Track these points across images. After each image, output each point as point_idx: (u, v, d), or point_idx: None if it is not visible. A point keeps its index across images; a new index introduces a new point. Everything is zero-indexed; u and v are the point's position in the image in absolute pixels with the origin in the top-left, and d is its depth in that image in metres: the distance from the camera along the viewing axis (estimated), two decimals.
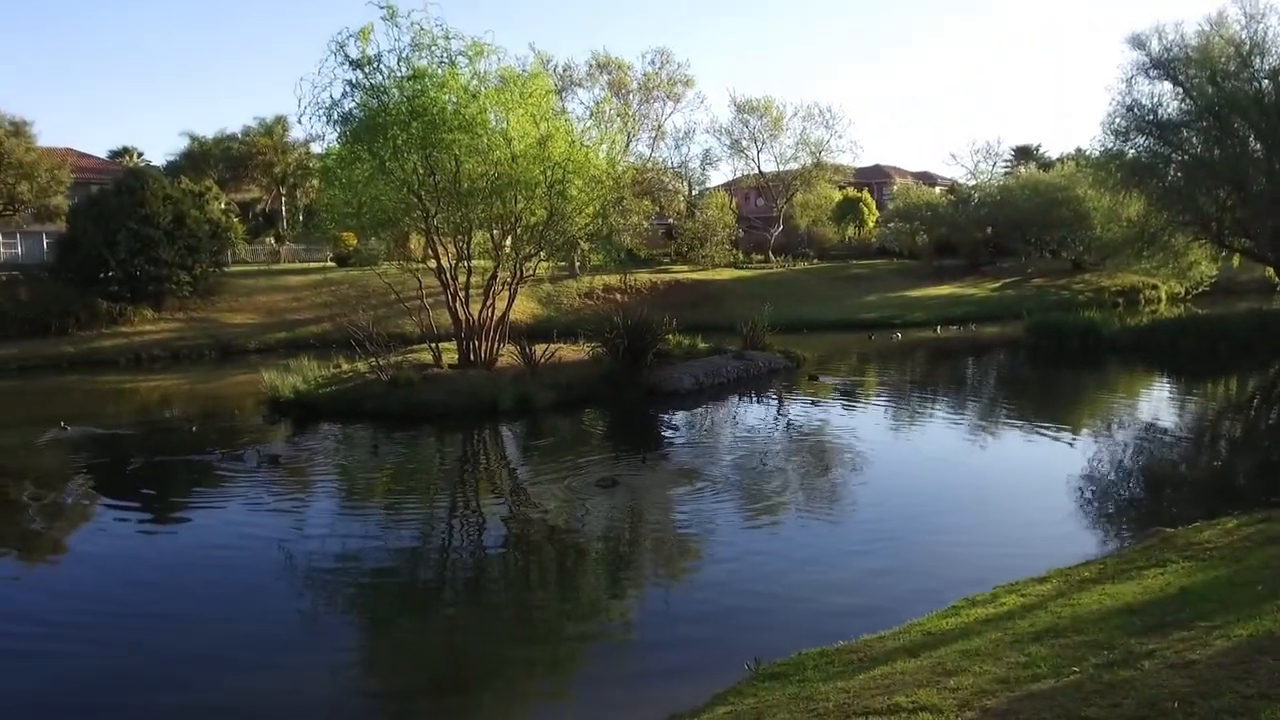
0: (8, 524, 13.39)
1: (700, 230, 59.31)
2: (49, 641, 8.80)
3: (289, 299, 45.20)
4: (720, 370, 24.70)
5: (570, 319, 41.67)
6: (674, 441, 18.43)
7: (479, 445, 19.12)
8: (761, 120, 63.81)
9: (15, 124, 43.47)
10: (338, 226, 27.68)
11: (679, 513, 12.66)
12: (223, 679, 7.90)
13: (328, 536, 12.06)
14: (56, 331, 37.44)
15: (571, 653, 8.45)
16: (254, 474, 15.66)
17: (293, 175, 65.71)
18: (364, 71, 22.60)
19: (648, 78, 55.29)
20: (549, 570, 10.76)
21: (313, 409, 21.33)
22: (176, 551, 12.01)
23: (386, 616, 9.56)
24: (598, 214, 25.48)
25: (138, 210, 39.88)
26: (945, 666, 5.40)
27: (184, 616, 9.45)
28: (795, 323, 39.58)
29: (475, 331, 24.45)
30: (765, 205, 73.00)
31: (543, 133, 23.24)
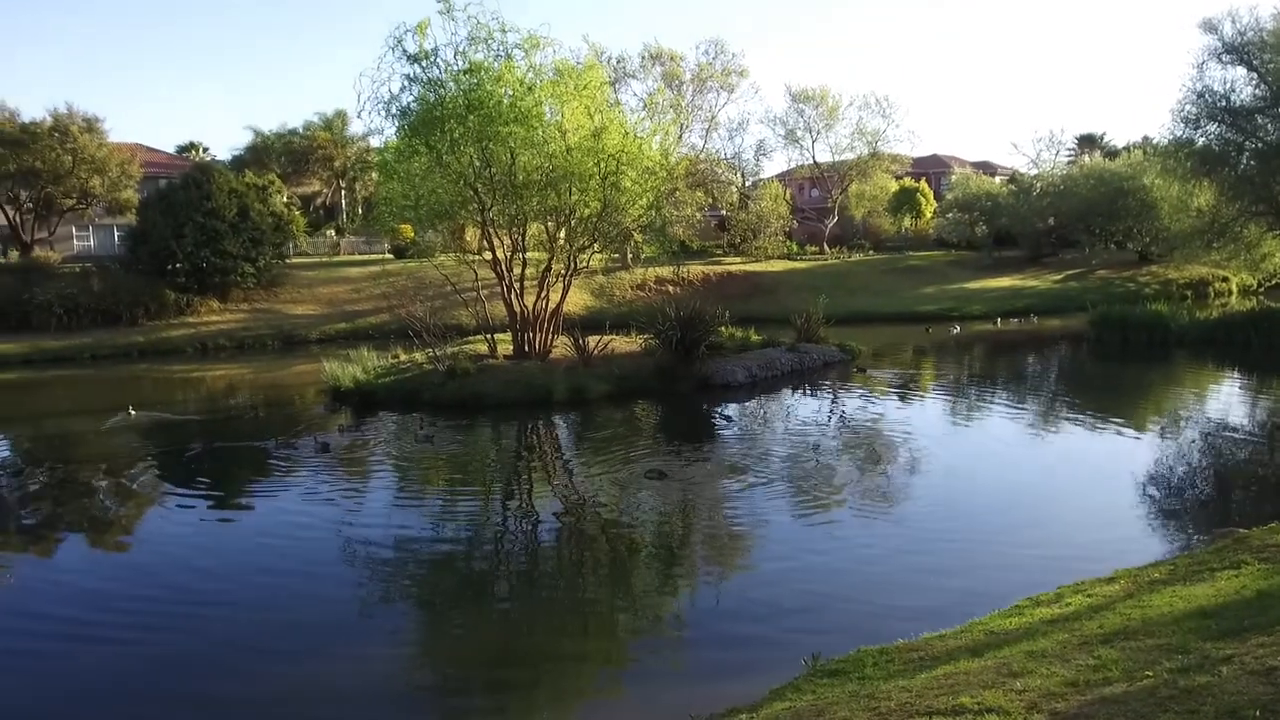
0: (79, 507, 13.86)
1: (753, 221, 58.87)
2: (107, 628, 8.98)
3: (349, 290, 46.10)
4: (774, 363, 24.53)
5: (622, 311, 41.73)
6: (726, 434, 18.35)
7: (533, 435, 19.27)
8: (817, 110, 63.08)
9: (88, 120, 44.87)
10: (396, 219, 28.08)
11: (731, 506, 12.61)
12: (279, 667, 8.04)
13: (384, 525, 12.23)
14: (127, 322, 38.76)
15: (625, 645, 8.47)
16: (311, 461, 16.02)
17: (352, 169, 66.85)
18: (421, 66, 22.87)
19: (701, 68, 54.97)
20: (602, 562, 10.79)
21: (372, 398, 21.76)
22: (234, 537, 12.25)
23: (442, 606, 9.67)
24: (651, 205, 25.46)
25: (204, 204, 41.01)
26: (1011, 667, 5.29)
27: (240, 603, 9.63)
28: (850, 315, 39.14)
29: (529, 323, 24.65)
30: (820, 196, 72.18)
31: (597, 125, 23.29)
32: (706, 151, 57.02)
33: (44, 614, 9.37)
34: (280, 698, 7.51)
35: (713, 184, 58.08)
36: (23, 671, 8.03)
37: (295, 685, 7.67)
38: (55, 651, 8.47)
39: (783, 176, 71.24)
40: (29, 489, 15.40)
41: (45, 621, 9.18)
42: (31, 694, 7.60)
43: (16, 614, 9.39)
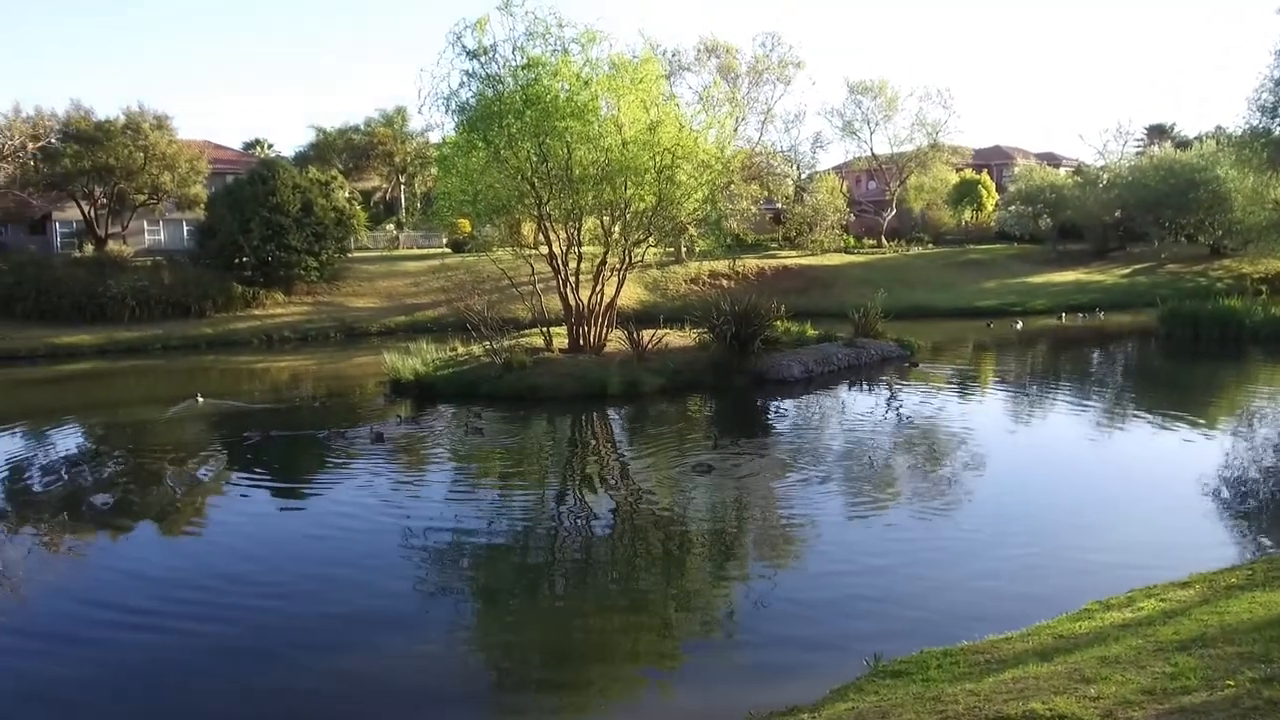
0: (147, 493, 14.31)
1: (809, 215, 58.27)
2: (168, 618, 9.09)
3: (408, 284, 46.85)
4: (830, 358, 24.27)
5: (676, 305, 41.67)
6: (781, 430, 18.22)
7: (587, 428, 19.36)
8: (875, 101, 62.10)
9: (158, 118, 46.28)
10: (454, 214, 28.43)
11: (785, 503, 12.50)
12: (336, 657, 8.14)
13: (440, 516, 12.35)
14: (196, 314, 39.97)
15: (678, 640, 8.42)
16: (367, 451, 16.30)
17: (411, 164, 67.83)
18: (480, 61, 23.10)
19: (757, 60, 54.51)
20: (655, 556, 10.78)
21: (431, 390, 22.08)
22: (292, 526, 12.45)
23: (498, 597, 9.73)
24: (706, 199, 25.37)
25: (269, 199, 42.05)
26: (1083, 673, 5.16)
27: (297, 594, 9.75)
28: (909, 310, 38.52)
29: (584, 317, 24.77)
30: (877, 188, 71.11)
31: (653, 118, 23.25)
32: (762, 144, 56.59)
33: (109, 602, 9.52)
34: (340, 682, 7.62)
35: (768, 177, 57.62)
36: (85, 661, 8.13)
37: (352, 676, 7.76)
38: (119, 641, 8.60)
39: (839, 169, 70.37)
40: (102, 475, 15.99)
41: (108, 610, 9.30)
42: (94, 682, 7.70)
43: (84, 602, 9.55)
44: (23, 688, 7.62)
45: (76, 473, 16.21)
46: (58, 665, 7.95)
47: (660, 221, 25.25)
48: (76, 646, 8.35)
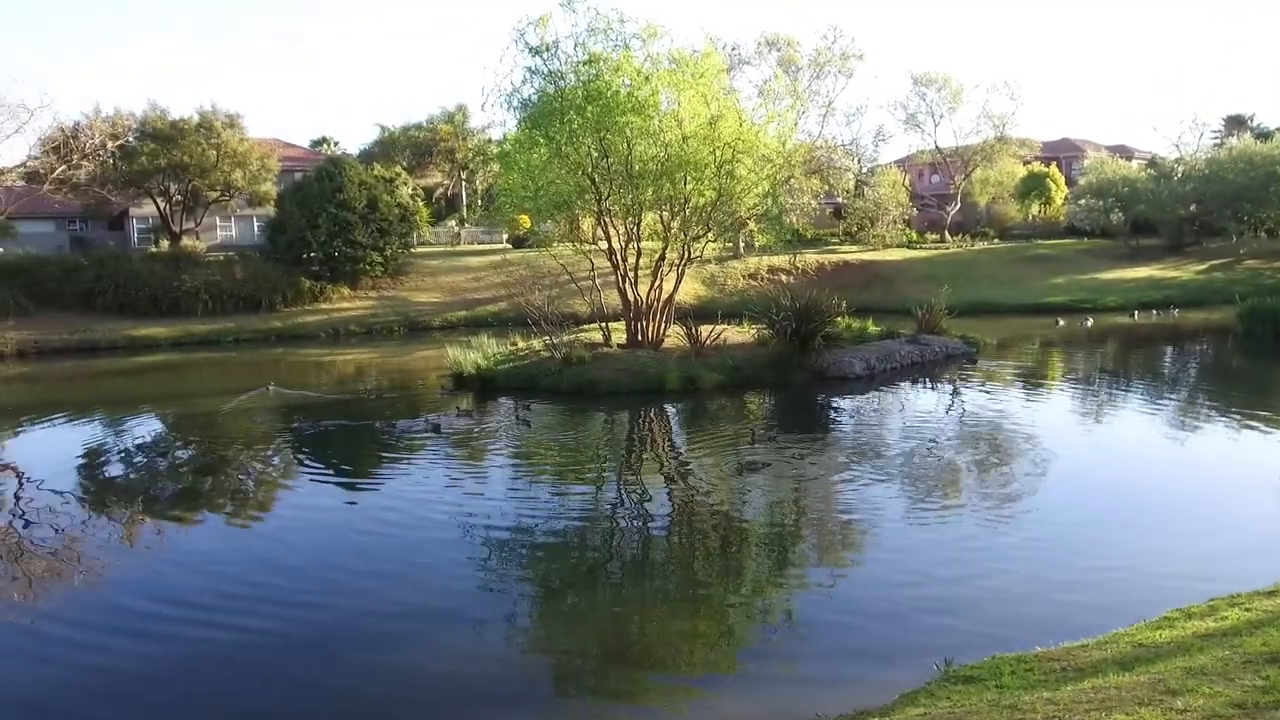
0: (216, 481, 14.77)
1: (871, 209, 57.45)
2: (229, 614, 9.19)
3: (469, 279, 47.49)
4: (893, 355, 23.89)
5: (734, 300, 41.49)
6: (842, 427, 17.99)
7: (645, 423, 19.37)
8: (940, 93, 60.92)
9: (230, 117, 47.65)
10: (515, 210, 28.68)
11: (846, 502, 12.33)
12: (391, 650, 8.20)
13: (498, 509, 12.43)
14: (266, 307, 41.15)
15: (737, 638, 8.36)
16: (427, 442, 16.57)
17: (472, 161, 68.65)
18: (542, 58, 23.26)
19: (818, 53, 53.85)
20: (713, 551, 10.72)
21: (492, 384, 22.36)
22: (352, 517, 12.53)
23: (554, 592, 9.76)
24: (767, 194, 25.17)
25: (336, 195, 43.02)
26: (1168, 684, 4.98)
27: (355, 587, 9.83)
28: (974, 306, 37.79)
29: (643, 312, 24.79)
30: (941, 182, 69.77)
31: (713, 113, 23.14)
32: (823, 138, 55.91)
33: (172, 595, 9.66)
34: (391, 685, 7.66)
35: (828, 171, 56.94)
36: (146, 655, 8.22)
37: (407, 673, 7.83)
38: (183, 636, 8.68)
39: (902, 162, 69.19)
40: (174, 463, 16.55)
41: (171, 604, 9.44)
42: (154, 676, 7.79)
43: (148, 596, 9.64)
44: (84, 681, 7.76)
45: (150, 461, 16.82)
46: (118, 659, 8.08)
47: (720, 216, 25.13)
48: (138, 641, 8.49)
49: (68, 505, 13.41)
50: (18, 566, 10.85)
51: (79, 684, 7.71)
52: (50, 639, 8.56)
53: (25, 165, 43.87)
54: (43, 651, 8.33)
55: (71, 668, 7.95)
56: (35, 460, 17.19)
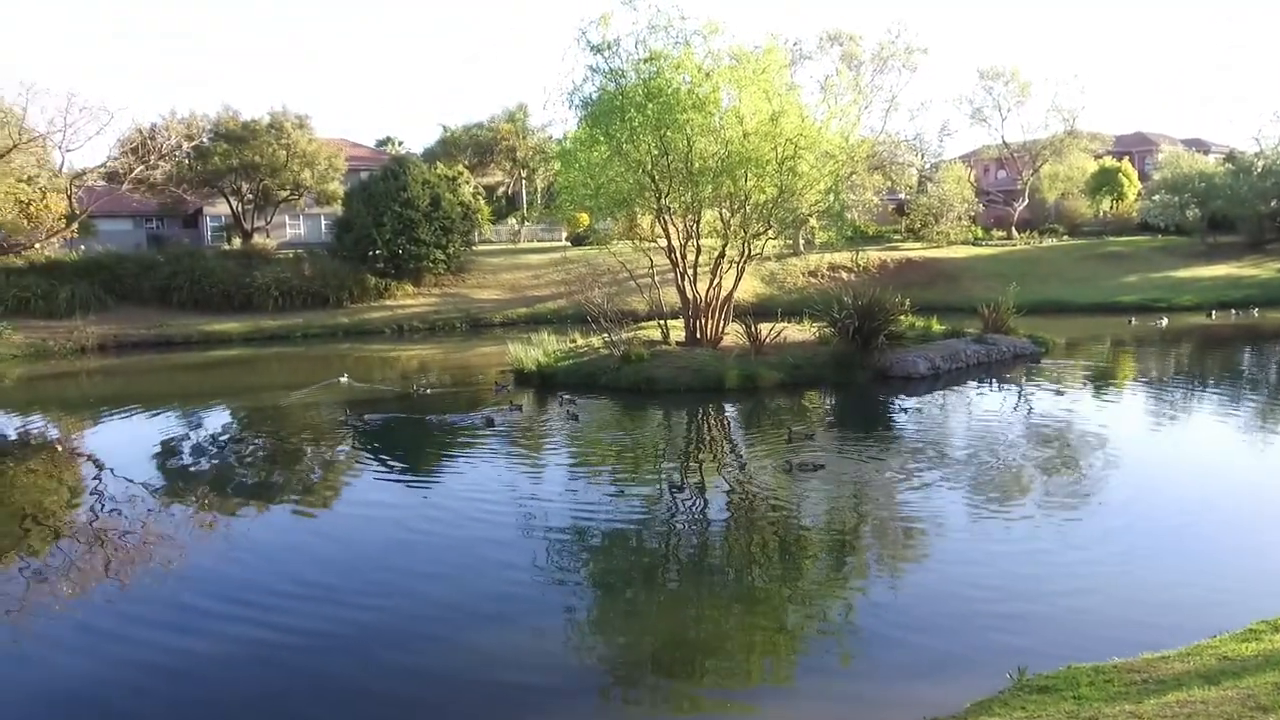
0: (286, 473, 15.15)
1: (935, 205, 56.39)
2: (282, 612, 9.39)
3: (529, 277, 47.95)
4: (958, 354, 23.40)
5: (794, 298, 41.12)
6: (905, 428, 17.68)
7: (704, 421, 19.31)
8: (1007, 86, 59.47)
9: (299, 118, 48.84)
10: (575, 208, 28.82)
11: (908, 504, 12.11)
12: (451, 643, 8.29)
13: (556, 503, 12.51)
14: (333, 304, 42.14)
15: (795, 640, 8.25)
16: (486, 439, 16.77)
17: (532, 159, 69.22)
18: (603, 56, 23.34)
19: (882, 48, 53.04)
20: (771, 552, 10.61)
21: (552, 380, 22.54)
22: (410, 511, 12.61)
23: (612, 588, 9.76)
24: (829, 190, 24.88)
25: (400, 194, 43.81)
26: (1258, 700, 4.78)
27: (412, 583, 9.91)
28: (1042, 304, 36.91)
29: (701, 309, 24.71)
30: (1008, 177, 68.17)
31: (774, 109, 22.94)
32: (886, 133, 55.05)
33: (228, 593, 9.80)
34: (457, 664, 7.78)
35: (891, 167, 56.06)
36: (195, 654, 8.25)
37: (472, 653, 7.93)
38: (236, 635, 8.81)
39: (967, 158, 67.79)
40: (245, 454, 17.02)
41: (226, 602, 9.55)
42: (199, 675, 7.82)
43: (206, 592, 9.71)
44: (123, 675, 7.88)
45: (221, 452, 17.33)
46: (163, 656, 8.14)
47: (781, 213, 24.91)
48: (185, 637, 8.56)
49: (140, 494, 13.92)
50: (85, 557, 11.26)
51: (117, 679, 7.79)
52: (96, 631, 8.68)
53: (105, 166, 45.56)
54: (84, 644, 8.50)
55: (110, 661, 8.06)
56: (113, 450, 17.87)
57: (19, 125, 37.71)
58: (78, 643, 8.49)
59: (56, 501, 14.12)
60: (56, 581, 10.15)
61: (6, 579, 10.30)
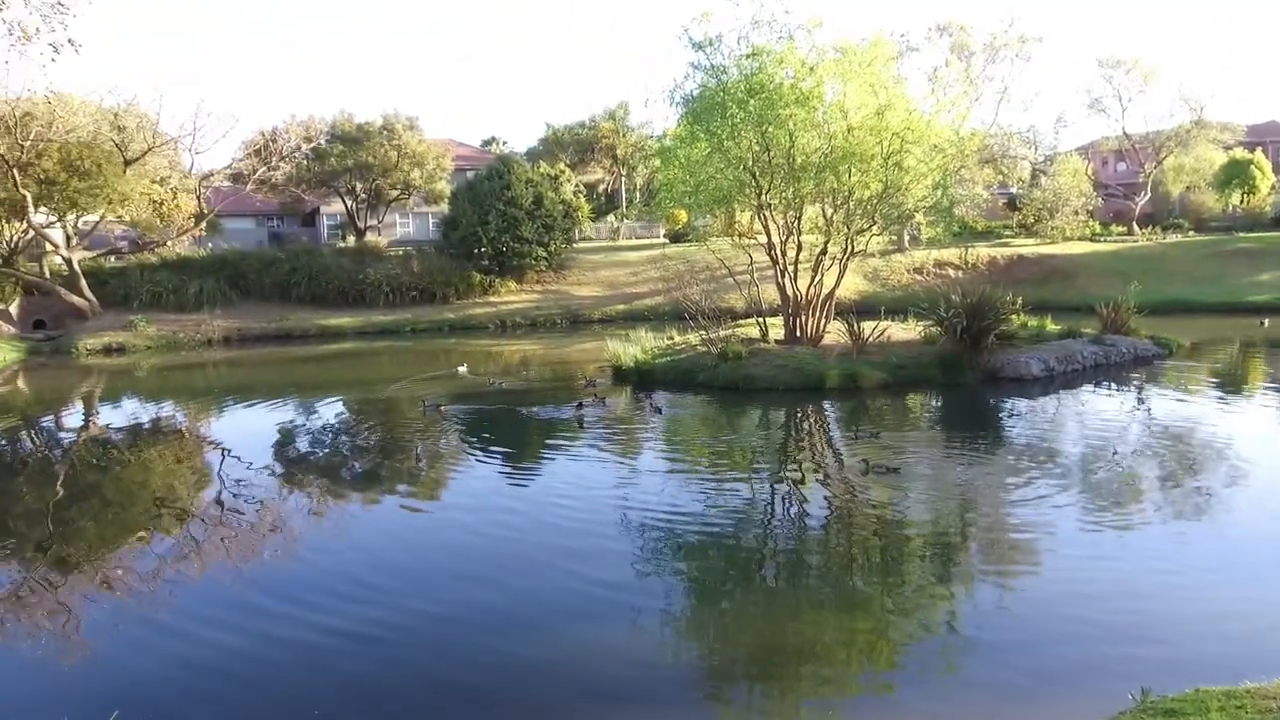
0: (395, 463, 15.68)
1: (1049, 199, 54.09)
2: (395, 596, 9.84)
3: (627, 274, 48.32)
4: (1074, 356, 22.37)
5: (898, 295, 40.17)
6: (1015, 431, 17.03)
7: (804, 421, 19.06)
8: (1129, 75, 56.54)
9: (410, 120, 50.51)
10: (674, 204, 28.87)
11: (1016, 509, 11.64)
12: (545, 636, 8.36)
13: (653, 499, 12.51)
14: (440, 300, 43.50)
15: (896, 648, 8.03)
16: (580, 433, 16.99)
17: (632, 157, 69.75)
18: (705, 53, 23.30)
19: (994, 37, 51.24)
20: (871, 555, 10.36)
21: (649, 377, 22.64)
22: (507, 505, 12.75)
23: (708, 587, 9.70)
24: (937, 185, 24.17)
25: (505, 193, 44.84)
26: None
27: (514, 566, 10.09)
28: (1166, 304, 35.03)
29: (802, 307, 24.39)
30: (1129, 170, 64.84)
31: (881, 103, 22.43)
32: (997, 125, 53.15)
33: (324, 586, 10.17)
34: (553, 659, 7.83)
35: (1003, 160, 54.09)
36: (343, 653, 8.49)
37: (567, 648, 8.00)
38: (354, 619, 9.25)
39: (1084, 150, 64.80)
40: (356, 444, 17.72)
41: (347, 593, 10.02)
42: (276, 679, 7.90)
43: (310, 586, 9.92)
44: (233, 666, 8.10)
45: (334, 441, 18.10)
46: (240, 656, 8.26)
47: (886, 209, 24.35)
48: (265, 639, 8.89)
49: (257, 480, 14.67)
50: (203, 540, 11.92)
51: (167, 678, 7.85)
52: (164, 629, 8.87)
53: (230, 167, 48.15)
54: (193, 626, 8.86)
55: (169, 658, 8.18)
56: (236, 437, 18.90)
57: (153, 129, 40.19)
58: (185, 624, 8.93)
59: (184, 485, 15.03)
60: (176, 562, 10.80)
61: (138, 557, 11.04)
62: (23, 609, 9.38)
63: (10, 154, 34.17)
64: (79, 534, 12.21)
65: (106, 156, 37.43)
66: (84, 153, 36.66)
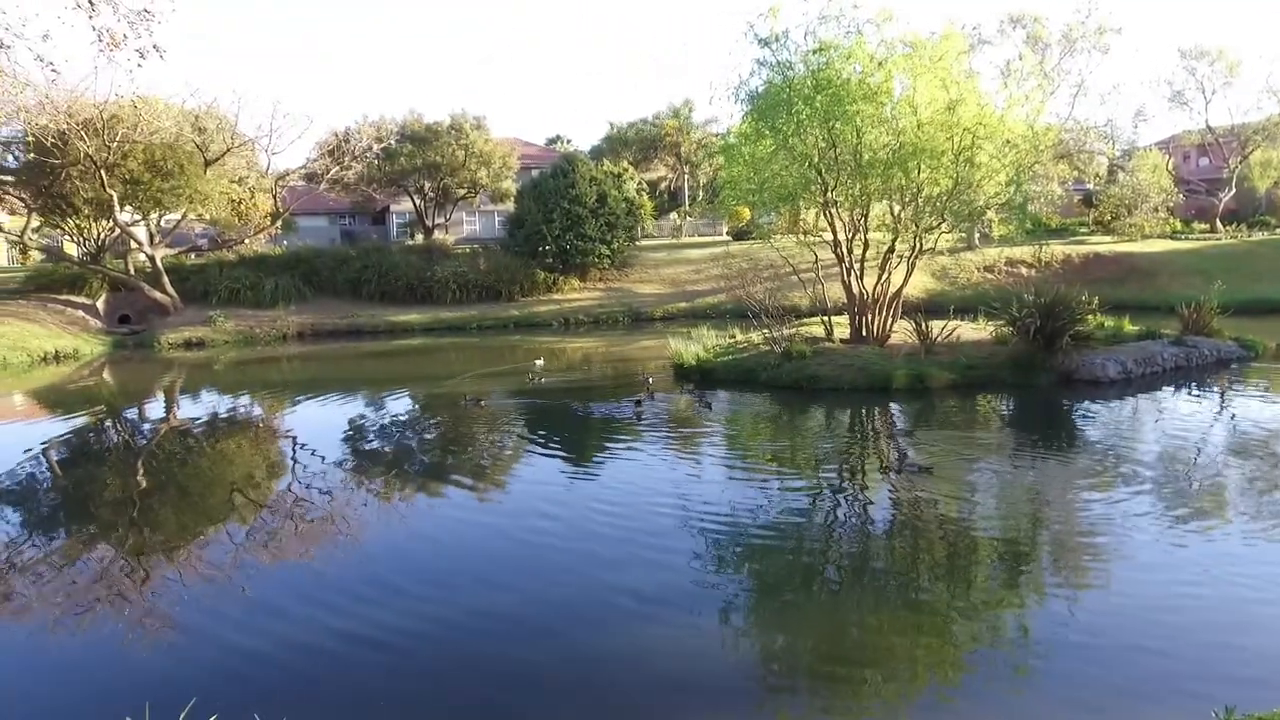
0: (461, 456, 15.93)
1: (1127, 196, 52.30)
2: (458, 592, 9.98)
3: (689, 271, 48.25)
4: (1153, 358, 21.59)
5: (967, 294, 39.31)
6: (1090, 435, 16.51)
7: (869, 421, 18.77)
8: (1213, 67, 54.27)
9: (477, 119, 51.24)
10: (738, 202, 28.70)
11: (1089, 514, 11.28)
12: (605, 630, 8.40)
13: (714, 496, 12.46)
14: (505, 297, 44.08)
15: (964, 653, 7.85)
16: (640, 430, 17.04)
17: (695, 155, 69.61)
18: (771, 49, 23.09)
19: (1070, 29, 49.69)
20: (938, 559, 10.14)
21: (711, 376, 22.57)
22: (568, 500, 12.82)
23: (772, 584, 9.63)
24: (1010, 181, 23.56)
25: (569, 191, 45.20)
26: None
27: (573, 564, 10.12)
28: (1251, 304, 33.63)
29: (868, 306, 24.03)
30: (1211, 165, 62.30)
31: (951, 98, 21.95)
32: (1073, 119, 51.55)
33: (385, 582, 10.49)
34: (610, 658, 7.86)
35: (1078, 155, 52.47)
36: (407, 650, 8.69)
37: (624, 647, 8.01)
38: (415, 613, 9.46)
39: (1164, 144, 62.47)
40: (424, 436, 18.04)
41: (425, 585, 10.30)
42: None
43: (375, 580, 10.42)
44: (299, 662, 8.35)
45: (402, 435, 18.47)
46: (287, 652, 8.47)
47: (956, 206, 23.83)
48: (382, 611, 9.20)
49: (328, 471, 15.06)
50: (277, 528, 12.26)
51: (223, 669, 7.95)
52: (238, 617, 9.10)
53: (305, 167, 49.50)
54: (262, 614, 9.20)
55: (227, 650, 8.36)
56: (308, 430, 19.43)
57: (232, 131, 41.53)
58: (257, 614, 9.21)
59: (259, 476, 15.51)
60: (250, 552, 11.17)
61: (214, 545, 11.44)
62: (107, 595, 9.74)
63: (98, 155, 35.64)
64: (159, 522, 12.68)
65: (188, 157, 38.82)
66: (167, 154, 38.08)
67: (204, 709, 6.12)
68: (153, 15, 9.57)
